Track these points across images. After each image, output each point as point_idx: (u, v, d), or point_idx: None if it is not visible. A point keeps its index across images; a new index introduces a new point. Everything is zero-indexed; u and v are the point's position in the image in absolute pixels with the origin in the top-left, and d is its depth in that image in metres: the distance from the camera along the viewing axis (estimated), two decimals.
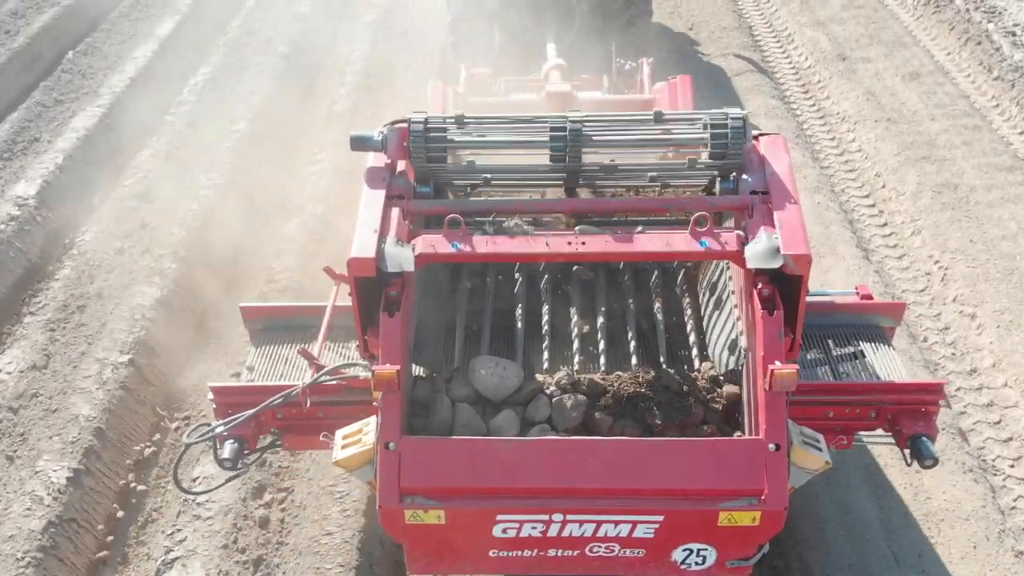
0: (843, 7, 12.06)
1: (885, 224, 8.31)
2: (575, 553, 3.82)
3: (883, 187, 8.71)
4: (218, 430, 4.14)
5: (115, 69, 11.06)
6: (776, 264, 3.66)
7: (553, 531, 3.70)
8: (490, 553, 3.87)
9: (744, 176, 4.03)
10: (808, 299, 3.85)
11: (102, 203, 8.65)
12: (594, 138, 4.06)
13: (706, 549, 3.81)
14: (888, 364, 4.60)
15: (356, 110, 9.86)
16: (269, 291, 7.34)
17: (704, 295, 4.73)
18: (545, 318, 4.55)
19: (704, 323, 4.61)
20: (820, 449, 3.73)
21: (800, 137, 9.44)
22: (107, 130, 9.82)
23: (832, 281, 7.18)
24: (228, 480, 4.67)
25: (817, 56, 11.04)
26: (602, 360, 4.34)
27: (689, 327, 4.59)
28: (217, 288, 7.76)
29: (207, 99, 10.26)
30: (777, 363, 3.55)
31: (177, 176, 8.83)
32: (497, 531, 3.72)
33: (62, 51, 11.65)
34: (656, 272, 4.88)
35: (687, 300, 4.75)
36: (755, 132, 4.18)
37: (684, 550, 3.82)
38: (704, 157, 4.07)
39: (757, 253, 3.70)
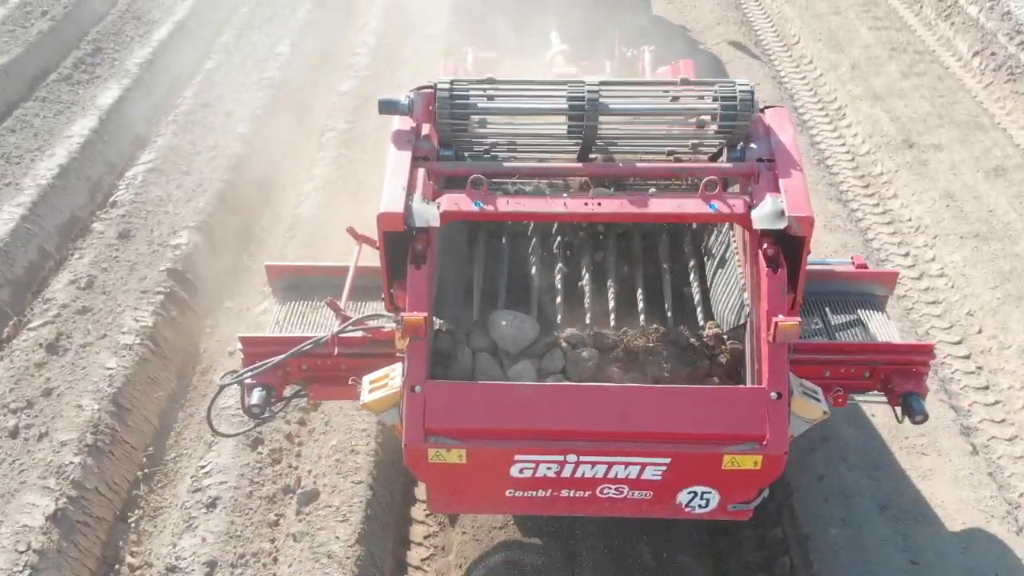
0: (902, 74, 10.28)
1: (987, 388, 6.57)
2: (586, 494, 4.05)
3: (979, 333, 6.97)
4: (248, 375, 4.35)
5: (45, 152, 9.25)
6: (781, 225, 3.90)
7: (567, 472, 3.92)
8: (507, 493, 4.08)
9: (751, 145, 4.29)
10: (808, 267, 4.08)
11: (1, 355, 6.90)
12: (611, 105, 4.27)
13: (709, 492, 4.04)
14: (882, 328, 4.86)
15: (324, 216, 8.09)
16: (192, 503, 5.61)
17: (709, 258, 4.96)
18: (558, 277, 4.76)
19: (709, 285, 4.85)
20: (819, 400, 3.97)
21: (869, 257, 7.67)
22: (24, 241, 8.02)
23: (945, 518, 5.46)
24: (256, 426, 4.98)
25: (877, 140, 9.27)
26: (612, 318, 4.53)
27: (695, 288, 4.80)
28: (132, 485, 6.05)
29: (146, 198, 8.50)
30: (780, 316, 3.79)
31: (97, 315, 7.06)
32: (514, 471, 3.94)
33: None
34: (664, 236, 5.10)
35: (693, 263, 4.95)
36: (761, 105, 4.43)
37: (689, 492, 4.05)
38: (714, 127, 4.31)
39: (763, 215, 3.95)
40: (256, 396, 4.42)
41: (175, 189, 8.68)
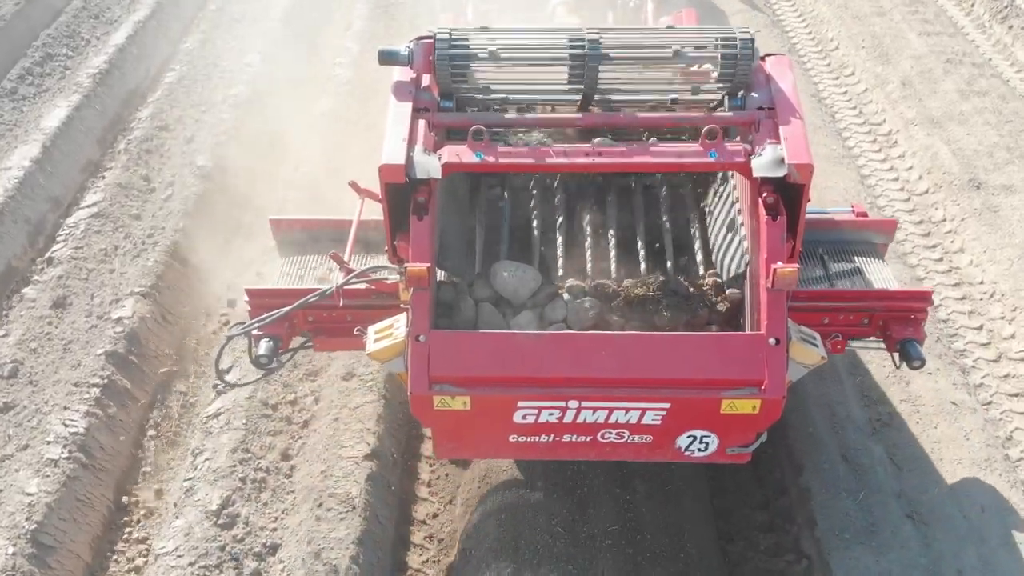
0: (961, 95, 8.96)
1: None
2: (588, 439, 4.16)
3: None
4: (255, 325, 4.43)
5: None
6: (780, 173, 3.94)
7: (569, 417, 4.02)
8: (510, 438, 4.18)
9: (752, 93, 4.29)
10: (808, 216, 4.17)
11: None
12: (611, 54, 4.23)
13: (708, 436, 4.14)
14: (880, 276, 4.93)
15: None
16: None
17: (710, 208, 4.92)
18: (560, 228, 4.77)
19: (709, 234, 4.83)
20: (816, 345, 4.06)
21: (931, 333, 6.45)
22: None
23: None
24: (263, 376, 5.11)
25: (937, 177, 8.01)
26: (613, 268, 4.56)
27: (695, 238, 4.81)
28: None
29: (88, 253, 7.28)
30: (779, 263, 3.87)
31: (20, 416, 5.89)
32: (517, 417, 4.04)
33: None
34: (665, 187, 5.09)
35: (694, 214, 4.95)
36: (761, 53, 4.38)
37: (688, 437, 4.15)
38: (714, 75, 4.30)
39: (763, 163, 3.99)
40: (264, 347, 4.51)
41: (123, 239, 7.50)
